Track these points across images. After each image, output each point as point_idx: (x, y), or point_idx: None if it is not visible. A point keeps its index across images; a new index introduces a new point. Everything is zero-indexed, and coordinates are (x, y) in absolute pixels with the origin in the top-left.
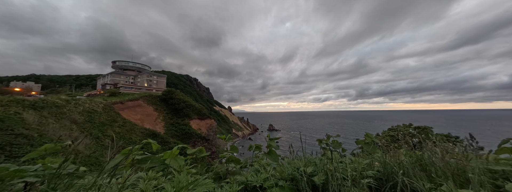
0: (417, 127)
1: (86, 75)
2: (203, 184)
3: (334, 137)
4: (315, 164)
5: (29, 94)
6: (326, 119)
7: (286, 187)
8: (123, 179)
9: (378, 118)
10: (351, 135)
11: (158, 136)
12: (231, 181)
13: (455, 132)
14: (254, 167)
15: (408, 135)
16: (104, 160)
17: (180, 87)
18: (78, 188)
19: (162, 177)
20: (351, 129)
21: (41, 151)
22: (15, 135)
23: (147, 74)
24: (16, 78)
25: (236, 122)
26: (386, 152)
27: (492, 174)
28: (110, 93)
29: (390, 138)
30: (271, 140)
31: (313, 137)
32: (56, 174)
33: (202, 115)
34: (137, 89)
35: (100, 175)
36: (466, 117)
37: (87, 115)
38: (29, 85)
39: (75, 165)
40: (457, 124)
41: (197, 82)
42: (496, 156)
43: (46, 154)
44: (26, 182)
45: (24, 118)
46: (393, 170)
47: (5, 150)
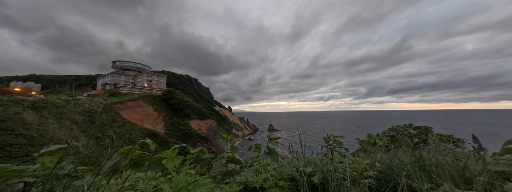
0: (417, 127)
1: (86, 75)
2: (203, 184)
3: (337, 137)
4: (315, 164)
5: (29, 94)
6: (327, 119)
7: (286, 187)
8: (122, 179)
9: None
10: (351, 135)
11: (158, 136)
12: (231, 182)
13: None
14: (254, 167)
15: (408, 135)
16: (104, 160)
17: (180, 88)
18: (77, 188)
19: (161, 178)
20: (350, 129)
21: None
22: (15, 135)
23: (147, 74)
24: (16, 78)
25: (236, 122)
26: (386, 152)
27: (492, 174)
28: (110, 94)
29: (390, 138)
30: (271, 139)
31: (313, 137)
32: (52, 174)
33: (202, 115)
34: (137, 90)
35: (97, 176)
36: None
37: (87, 115)
38: (29, 85)
39: (73, 165)
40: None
41: (197, 83)
42: (496, 156)
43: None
44: (25, 182)
45: (24, 118)
46: (393, 171)
47: (5, 150)
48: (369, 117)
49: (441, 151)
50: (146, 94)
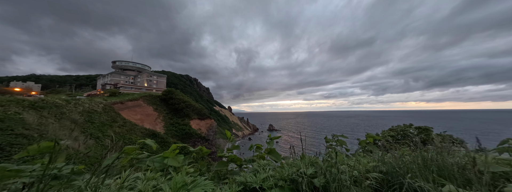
0: (417, 127)
1: (86, 75)
2: (202, 184)
3: (340, 136)
4: (317, 164)
5: (29, 94)
6: (327, 120)
7: (286, 187)
8: (121, 179)
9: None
10: (351, 135)
11: (158, 136)
12: (230, 182)
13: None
14: (253, 167)
15: (408, 135)
16: (103, 160)
17: (180, 87)
18: (76, 189)
19: (161, 177)
20: (349, 129)
21: (32, 149)
22: (15, 135)
23: (147, 74)
24: (16, 78)
25: (236, 122)
26: (386, 153)
27: (493, 174)
28: (110, 93)
29: (391, 138)
30: (271, 139)
31: (313, 137)
32: (49, 174)
33: (202, 115)
34: (137, 89)
35: (93, 176)
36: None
37: (87, 115)
38: (29, 85)
39: (71, 165)
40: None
41: (197, 82)
42: (496, 156)
43: (42, 153)
44: (24, 182)
45: (24, 118)
46: (395, 171)
47: (5, 150)
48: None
49: (445, 151)
50: (146, 94)
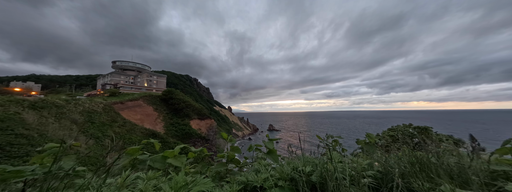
0: (417, 127)
1: (86, 75)
2: (202, 183)
3: (335, 137)
4: (314, 163)
5: (29, 94)
6: (329, 119)
7: (286, 187)
8: (122, 178)
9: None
10: (350, 134)
11: (158, 136)
12: (231, 181)
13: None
14: (254, 167)
15: (407, 135)
16: (106, 160)
17: (180, 88)
18: (77, 188)
19: (161, 177)
20: (348, 129)
21: (41, 157)
22: (15, 135)
23: (147, 74)
24: (16, 78)
25: (236, 122)
26: (385, 153)
27: (492, 174)
28: (110, 93)
29: (390, 138)
30: (270, 140)
31: (313, 137)
32: (51, 174)
33: (202, 115)
34: (137, 89)
35: (94, 176)
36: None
37: (87, 115)
38: (29, 86)
39: (73, 164)
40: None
41: (197, 83)
42: (497, 156)
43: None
44: (24, 182)
45: (24, 118)
46: (391, 170)
47: (5, 150)
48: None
49: (442, 150)
50: (146, 94)
